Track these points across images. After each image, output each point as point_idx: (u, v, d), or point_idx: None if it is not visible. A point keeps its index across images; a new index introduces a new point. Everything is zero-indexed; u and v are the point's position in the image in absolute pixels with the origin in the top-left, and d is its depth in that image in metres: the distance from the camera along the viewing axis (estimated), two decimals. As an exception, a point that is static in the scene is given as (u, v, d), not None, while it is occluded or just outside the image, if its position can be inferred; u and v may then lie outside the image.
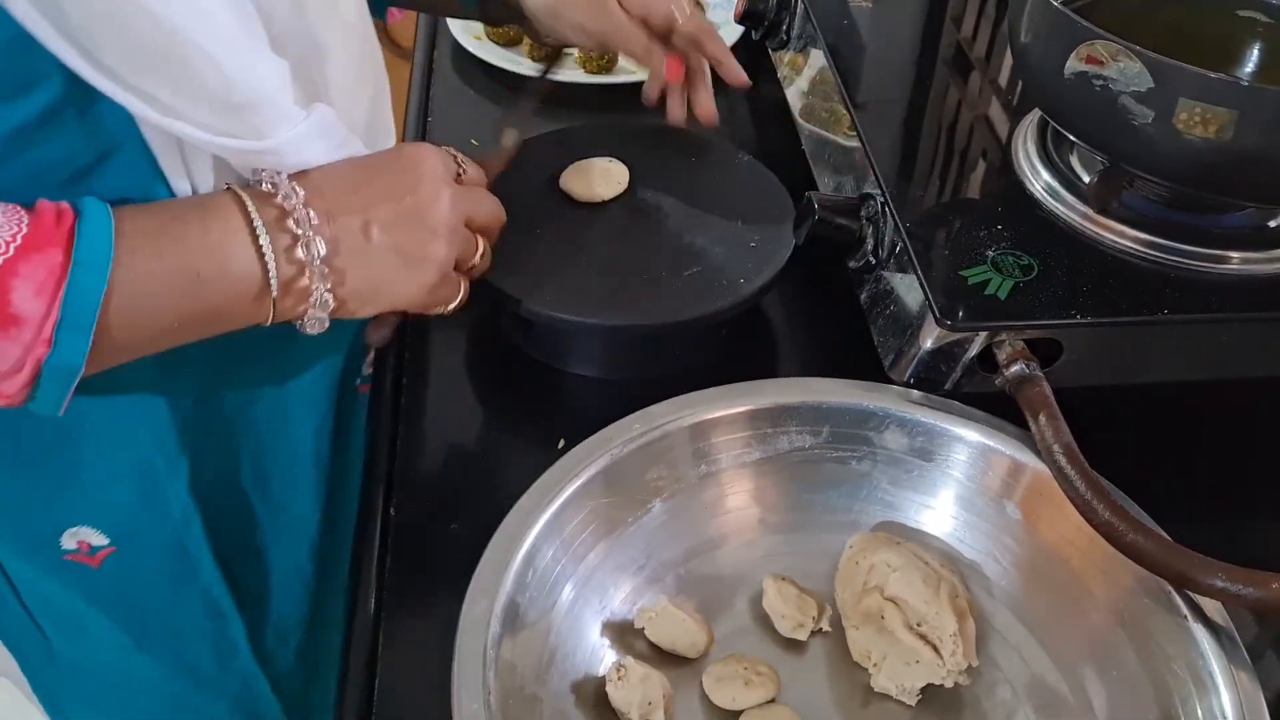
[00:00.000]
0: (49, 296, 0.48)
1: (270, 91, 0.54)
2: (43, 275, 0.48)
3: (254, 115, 0.54)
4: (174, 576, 0.73)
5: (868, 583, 0.60)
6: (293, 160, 0.57)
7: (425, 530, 0.67)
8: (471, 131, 0.99)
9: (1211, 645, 0.54)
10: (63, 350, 0.49)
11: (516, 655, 0.55)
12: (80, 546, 0.70)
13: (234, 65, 0.51)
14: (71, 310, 0.49)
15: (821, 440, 0.66)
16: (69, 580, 0.72)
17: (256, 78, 0.53)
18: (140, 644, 0.77)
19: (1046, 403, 0.62)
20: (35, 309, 0.48)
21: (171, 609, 0.75)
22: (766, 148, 1.02)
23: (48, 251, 0.49)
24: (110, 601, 0.73)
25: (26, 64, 0.49)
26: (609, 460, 0.61)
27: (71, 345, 0.49)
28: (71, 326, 0.49)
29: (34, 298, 0.48)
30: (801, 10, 0.97)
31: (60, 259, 0.49)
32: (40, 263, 0.48)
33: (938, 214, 0.73)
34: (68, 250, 0.49)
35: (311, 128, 0.56)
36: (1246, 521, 0.70)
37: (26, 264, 0.48)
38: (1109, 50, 0.63)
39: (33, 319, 0.48)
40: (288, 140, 0.55)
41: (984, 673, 0.59)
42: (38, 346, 0.49)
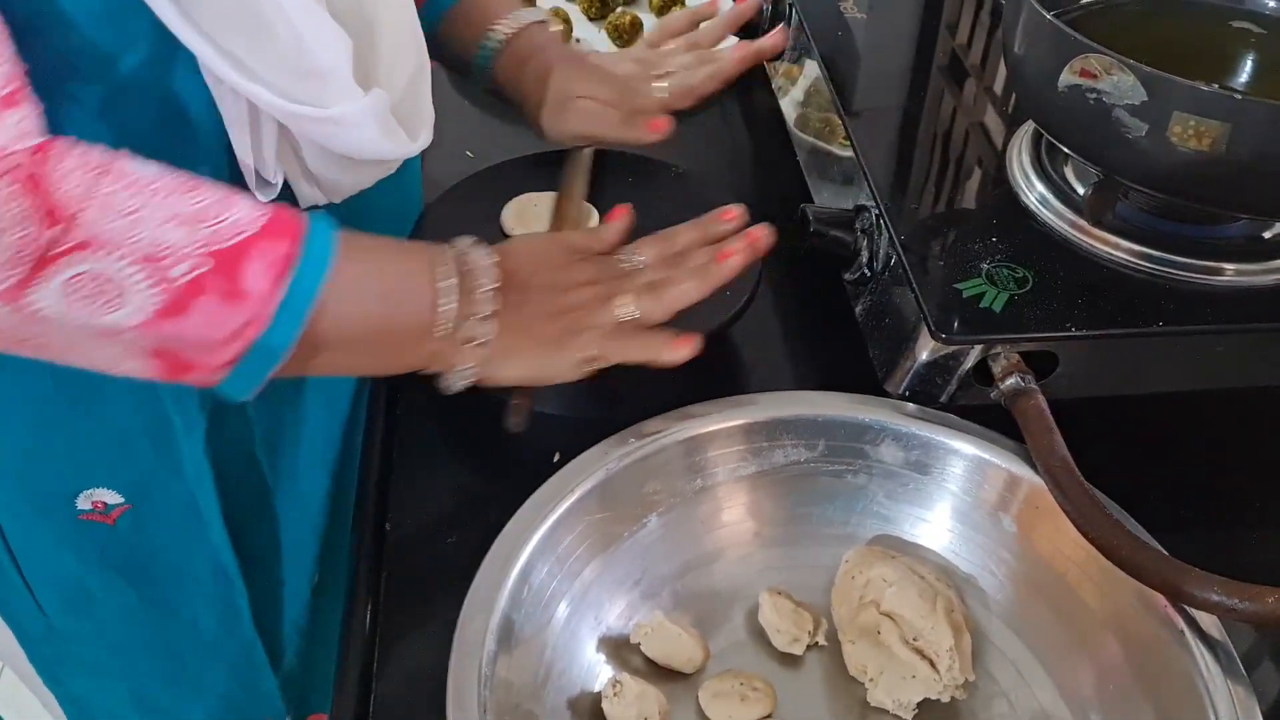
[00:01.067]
0: (276, 278, 0.53)
1: (338, 63, 0.58)
2: (274, 258, 0.53)
3: (321, 85, 0.58)
4: (185, 535, 0.75)
5: (864, 597, 0.60)
6: (350, 135, 0.61)
7: (421, 545, 0.66)
8: (467, 144, 0.99)
9: (1207, 659, 0.54)
10: (277, 330, 0.53)
11: (512, 672, 0.55)
12: (95, 506, 0.72)
13: (310, 32, 0.56)
14: (292, 295, 0.53)
15: (817, 454, 0.66)
16: (82, 541, 0.74)
17: (327, 47, 0.57)
18: (146, 603, 0.79)
19: (1042, 415, 0.62)
20: (261, 286, 0.52)
21: (181, 568, 0.77)
22: (761, 159, 1.02)
23: (281, 240, 0.53)
24: (123, 558, 0.76)
25: (122, 30, 0.54)
26: (604, 475, 0.61)
27: (285, 326, 0.53)
28: (288, 309, 0.53)
29: (263, 275, 0.52)
30: (796, 20, 0.97)
31: (290, 248, 0.53)
32: (273, 249, 0.53)
33: (932, 226, 0.73)
34: (297, 242, 0.54)
35: (368, 107, 0.60)
36: (1243, 533, 0.70)
37: (262, 246, 0.52)
38: (1103, 63, 0.63)
39: (257, 295, 0.52)
40: (348, 113, 0.60)
41: (980, 687, 0.59)
42: (255, 323, 0.52)
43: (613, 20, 1.13)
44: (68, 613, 0.80)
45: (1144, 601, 0.57)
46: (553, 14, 1.12)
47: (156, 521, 0.74)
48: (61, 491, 0.71)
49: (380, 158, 0.66)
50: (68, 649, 0.84)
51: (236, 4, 0.54)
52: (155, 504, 0.73)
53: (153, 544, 0.75)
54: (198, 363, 0.53)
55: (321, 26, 0.57)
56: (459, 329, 0.59)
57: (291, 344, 0.53)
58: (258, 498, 0.78)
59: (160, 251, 0.50)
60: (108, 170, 0.50)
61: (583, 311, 0.63)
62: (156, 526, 0.74)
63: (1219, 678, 0.53)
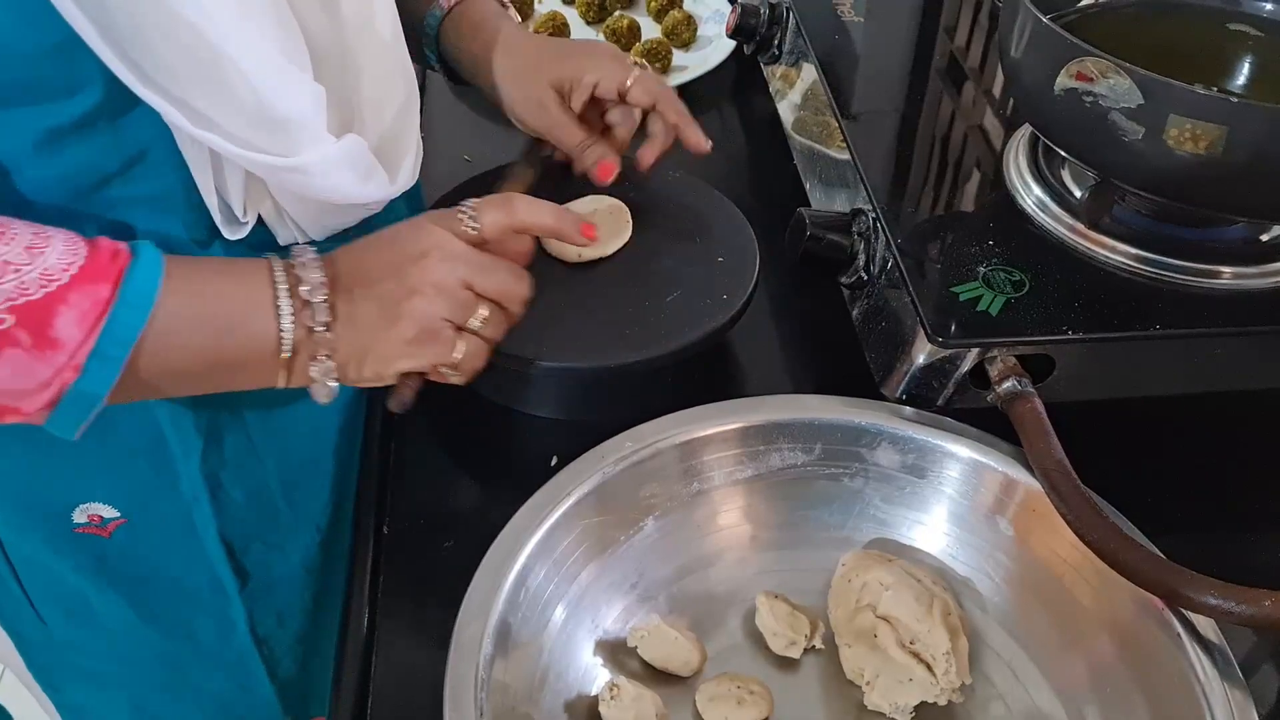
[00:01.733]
0: (89, 326, 0.51)
1: (303, 113, 0.57)
2: (88, 305, 0.51)
3: (285, 134, 0.57)
4: (181, 550, 0.75)
5: (860, 601, 0.60)
6: (320, 182, 0.60)
7: (418, 548, 0.67)
8: (465, 148, 0.99)
9: (1204, 662, 0.54)
10: (90, 377, 0.52)
11: (509, 675, 0.55)
12: (92, 519, 0.72)
13: (268, 85, 0.54)
14: (107, 341, 0.51)
15: (814, 457, 0.66)
16: (79, 553, 0.73)
17: (289, 98, 0.56)
18: (144, 614, 0.78)
19: (1038, 418, 0.62)
20: (74, 335, 0.50)
21: (177, 581, 0.77)
22: (758, 162, 1.02)
23: (98, 284, 0.51)
24: (119, 571, 0.75)
25: (71, 69, 0.52)
26: (601, 479, 0.61)
27: (100, 374, 0.52)
28: (103, 357, 0.51)
29: (75, 325, 0.50)
30: (793, 24, 0.97)
31: (107, 293, 0.51)
32: (88, 295, 0.51)
33: (929, 230, 0.73)
34: (116, 286, 0.52)
35: (340, 153, 0.59)
36: (1240, 536, 0.70)
37: (76, 293, 0.50)
38: (1099, 67, 0.63)
39: (69, 344, 0.50)
40: (315, 161, 0.58)
41: (977, 690, 0.59)
42: (67, 371, 0.51)
43: (610, 24, 1.14)
44: (66, 622, 0.79)
45: (1140, 605, 0.57)
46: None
47: (152, 536, 0.73)
48: (58, 505, 0.71)
49: (356, 201, 0.64)
50: (66, 658, 0.83)
51: (188, 57, 0.52)
52: (151, 519, 0.73)
53: (149, 558, 0.75)
54: (12, 408, 0.52)
55: (282, 78, 0.55)
56: (302, 347, 0.57)
57: (108, 389, 0.52)
58: (266, 523, 0.77)
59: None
60: None
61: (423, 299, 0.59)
62: (152, 541, 0.74)
63: (1215, 681, 0.53)
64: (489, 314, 0.60)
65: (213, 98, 0.54)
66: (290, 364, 0.57)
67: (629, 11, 1.20)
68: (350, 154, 0.60)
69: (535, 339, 0.69)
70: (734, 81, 1.12)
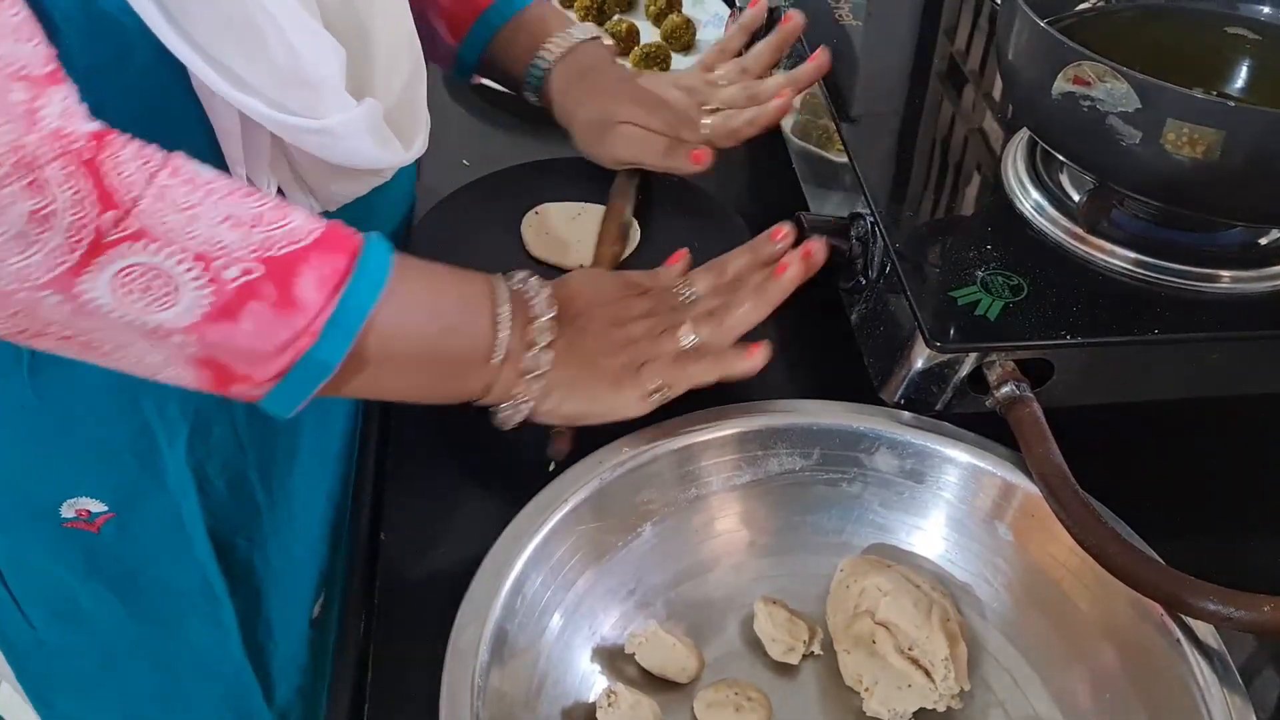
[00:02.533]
0: (329, 292, 0.52)
1: (331, 73, 0.58)
2: (328, 272, 0.52)
3: (313, 96, 0.58)
4: (170, 546, 0.75)
5: (859, 606, 0.60)
6: (343, 145, 0.61)
7: (415, 554, 0.66)
8: (464, 152, 0.99)
9: (1204, 668, 0.54)
10: (325, 345, 0.53)
11: (506, 683, 0.55)
12: (80, 514, 0.72)
13: (302, 43, 0.55)
14: (344, 311, 0.52)
15: (812, 462, 0.66)
16: (68, 549, 0.73)
17: (319, 58, 0.57)
18: (135, 615, 0.78)
19: (1037, 423, 0.62)
20: (314, 299, 0.52)
21: (167, 580, 0.77)
22: (756, 166, 1.02)
23: (336, 254, 0.53)
24: (108, 567, 0.75)
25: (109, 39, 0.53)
26: (598, 484, 0.61)
27: (334, 343, 0.53)
28: (339, 325, 0.53)
29: (316, 288, 0.52)
30: (791, 28, 0.97)
31: (345, 263, 0.53)
32: (328, 261, 0.52)
33: (927, 234, 0.73)
34: (353, 258, 0.53)
35: (361, 117, 0.60)
36: (1239, 541, 0.69)
37: (317, 258, 0.52)
38: (1096, 71, 0.63)
39: (309, 307, 0.52)
40: (342, 123, 0.59)
41: (976, 696, 0.59)
42: (305, 336, 0.52)
43: (609, 28, 1.14)
44: (56, 626, 0.79)
45: (1140, 610, 0.57)
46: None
47: (141, 530, 0.73)
48: (45, 500, 0.71)
49: (374, 166, 0.66)
50: (57, 665, 0.83)
51: (229, 16, 0.54)
52: (140, 513, 0.73)
53: (138, 553, 0.75)
54: (245, 374, 0.52)
55: (314, 38, 0.56)
56: (516, 359, 0.59)
57: (341, 359, 0.53)
58: (247, 517, 0.77)
59: (215, 251, 0.50)
60: (165, 164, 0.50)
61: (643, 344, 0.63)
62: (141, 535, 0.74)
63: (1215, 687, 0.53)
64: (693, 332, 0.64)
65: (250, 57, 0.55)
66: (499, 371, 0.59)
67: (628, 15, 1.20)
68: (370, 118, 0.61)
69: None
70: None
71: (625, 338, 0.63)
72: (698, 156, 0.80)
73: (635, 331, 0.64)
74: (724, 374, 0.64)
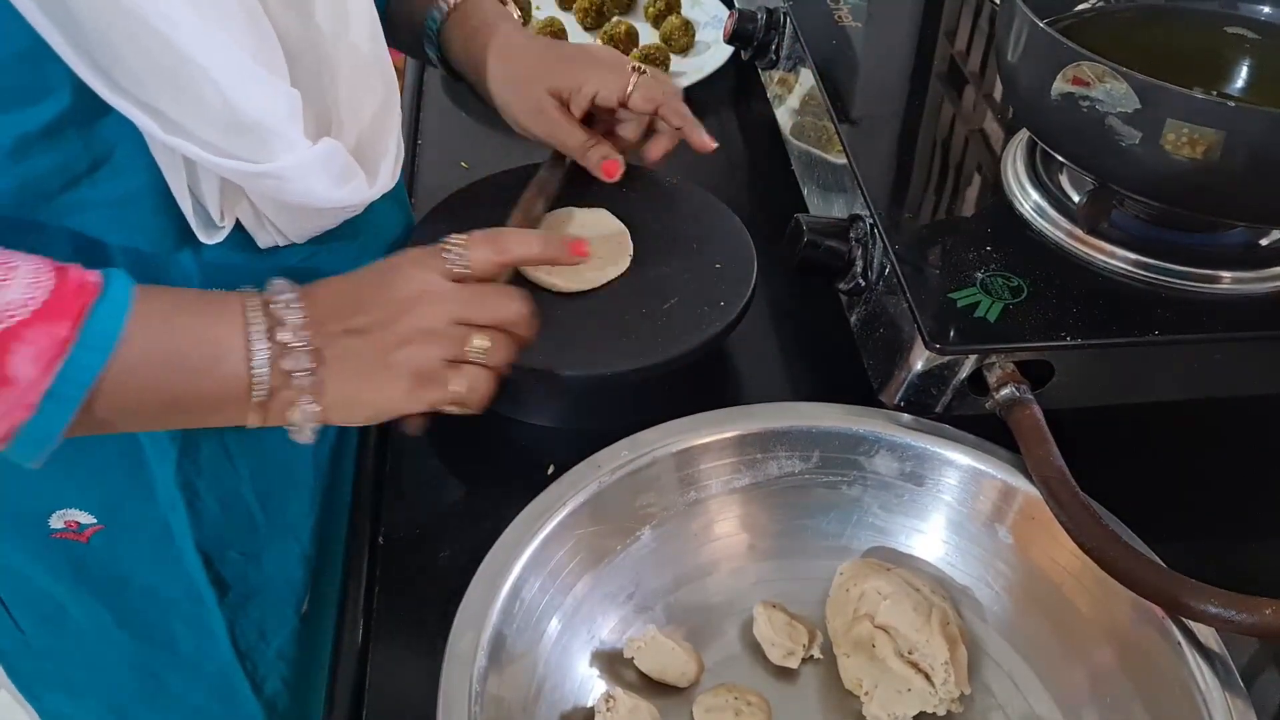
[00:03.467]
0: (45, 364, 0.49)
1: (275, 118, 0.55)
2: (45, 344, 0.49)
3: (258, 139, 0.56)
4: (158, 557, 0.74)
5: (858, 610, 0.60)
6: (295, 187, 0.59)
7: (413, 558, 0.66)
8: (461, 155, 0.99)
9: (1205, 671, 0.54)
10: (43, 418, 0.50)
11: (503, 688, 0.54)
12: (69, 525, 0.71)
13: (239, 91, 0.53)
14: (63, 382, 0.50)
15: (811, 465, 0.66)
16: (56, 558, 0.73)
17: (261, 104, 0.55)
18: (121, 622, 0.78)
19: (1037, 425, 0.62)
20: (28, 374, 0.49)
21: (155, 589, 0.76)
22: (755, 167, 1.02)
23: (58, 322, 0.49)
24: (96, 576, 0.75)
25: (38, 75, 0.52)
26: (597, 488, 0.61)
27: (54, 414, 0.50)
28: (58, 397, 0.50)
29: (31, 363, 0.49)
30: (790, 30, 0.97)
31: (66, 332, 0.49)
32: (46, 333, 0.49)
33: (927, 236, 0.73)
34: (77, 324, 0.50)
35: (315, 158, 0.58)
36: (1240, 543, 0.69)
37: (35, 330, 0.49)
38: (1095, 71, 0.63)
39: (22, 382, 0.49)
40: (290, 166, 0.57)
41: (977, 700, 0.59)
42: (19, 409, 0.49)
43: (608, 30, 1.14)
44: (44, 629, 0.79)
45: (1141, 613, 0.56)
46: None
47: (130, 543, 0.73)
48: (34, 510, 0.70)
49: (332, 205, 0.63)
50: (44, 666, 0.83)
51: (156, 64, 0.51)
52: (128, 526, 0.72)
53: (126, 564, 0.74)
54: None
55: (255, 84, 0.54)
56: (279, 388, 0.55)
57: (61, 429, 0.51)
58: (242, 532, 0.76)
59: None
60: None
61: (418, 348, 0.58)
62: (130, 547, 0.73)
63: (1216, 690, 0.53)
64: (489, 343, 0.59)
65: (183, 104, 0.53)
66: (265, 407, 0.56)
67: (627, 17, 1.20)
68: (326, 158, 0.59)
69: (531, 347, 0.69)
70: (732, 87, 1.12)
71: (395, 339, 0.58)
72: (609, 169, 0.79)
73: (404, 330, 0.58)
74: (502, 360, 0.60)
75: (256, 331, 0.55)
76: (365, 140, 0.64)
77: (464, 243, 0.60)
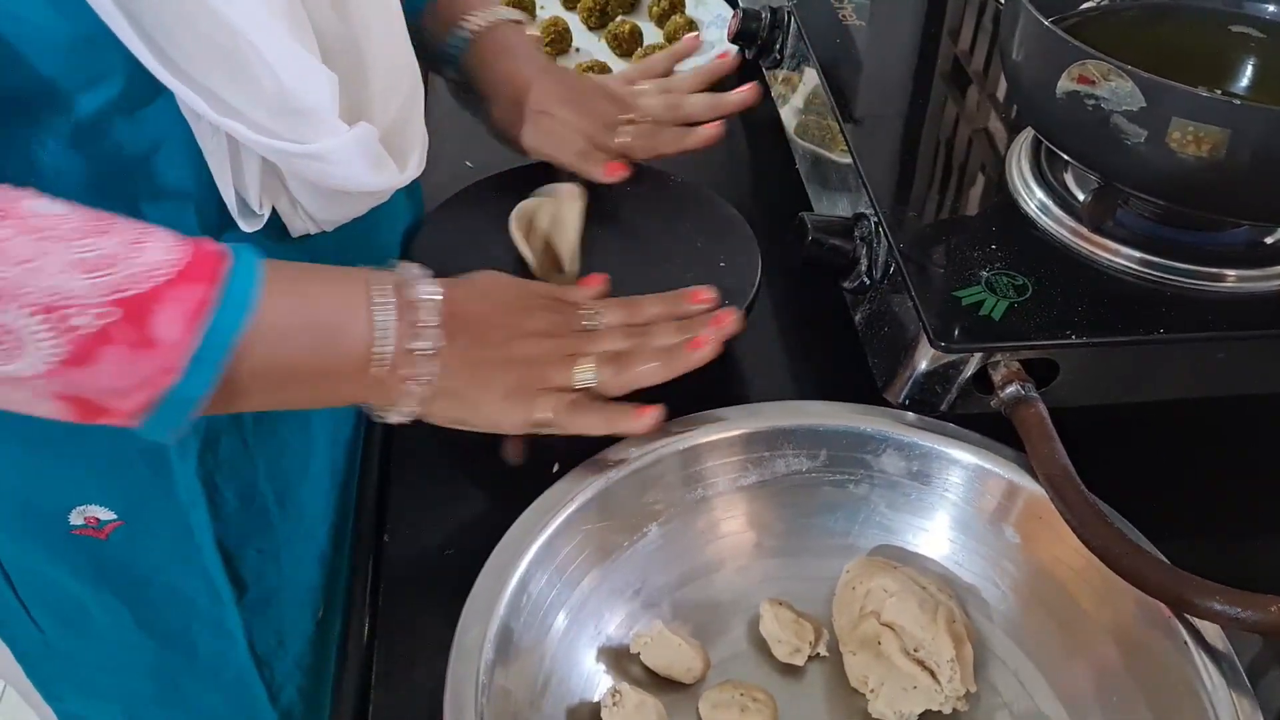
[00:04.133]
0: (189, 326, 0.50)
1: (321, 101, 0.57)
2: (188, 305, 0.50)
3: (303, 122, 0.57)
4: (178, 555, 0.74)
5: (864, 608, 0.60)
6: (336, 170, 0.60)
7: (419, 555, 0.66)
8: (467, 154, 0.98)
9: (1211, 670, 0.54)
10: (190, 379, 0.51)
11: (510, 681, 0.55)
12: (89, 521, 0.71)
13: (289, 72, 0.55)
14: (207, 343, 0.51)
15: (819, 464, 0.66)
16: (75, 555, 0.73)
17: (309, 86, 0.56)
18: (140, 622, 0.78)
19: (1042, 424, 0.62)
20: (174, 335, 0.50)
21: (174, 588, 0.76)
22: (760, 166, 1.02)
23: (197, 285, 0.51)
24: (116, 573, 0.75)
25: (94, 61, 0.53)
26: (603, 484, 0.61)
27: (199, 376, 0.51)
28: (202, 359, 0.51)
29: (176, 324, 0.50)
30: (795, 29, 0.97)
31: (205, 293, 0.51)
32: (188, 294, 0.50)
33: (931, 234, 0.73)
34: (216, 286, 0.51)
35: (354, 142, 0.59)
36: (1246, 541, 0.69)
37: (176, 291, 0.50)
38: (1100, 70, 0.63)
39: (169, 344, 0.50)
40: (332, 149, 0.58)
41: (982, 698, 0.59)
42: (164, 374, 0.50)
43: (612, 29, 1.14)
44: (63, 630, 0.79)
45: (1146, 611, 0.56)
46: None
47: (150, 539, 0.73)
48: (54, 507, 0.70)
49: (368, 189, 0.64)
50: (63, 667, 0.83)
51: (212, 45, 0.53)
52: (149, 522, 0.72)
53: (146, 561, 0.74)
54: (109, 408, 0.51)
55: (302, 66, 0.55)
56: (398, 365, 0.57)
57: (207, 392, 0.51)
58: (261, 528, 0.77)
59: (60, 301, 0.47)
60: (6, 214, 0.48)
61: (539, 368, 0.61)
62: (150, 544, 0.73)
63: (1222, 689, 0.53)
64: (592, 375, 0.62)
65: (236, 85, 0.54)
66: (382, 383, 0.57)
67: (630, 16, 1.20)
68: (363, 142, 0.60)
69: None
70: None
71: (523, 354, 0.61)
72: (613, 168, 0.80)
73: (534, 350, 0.61)
74: (613, 430, 0.62)
75: (383, 306, 0.56)
76: (394, 129, 0.65)
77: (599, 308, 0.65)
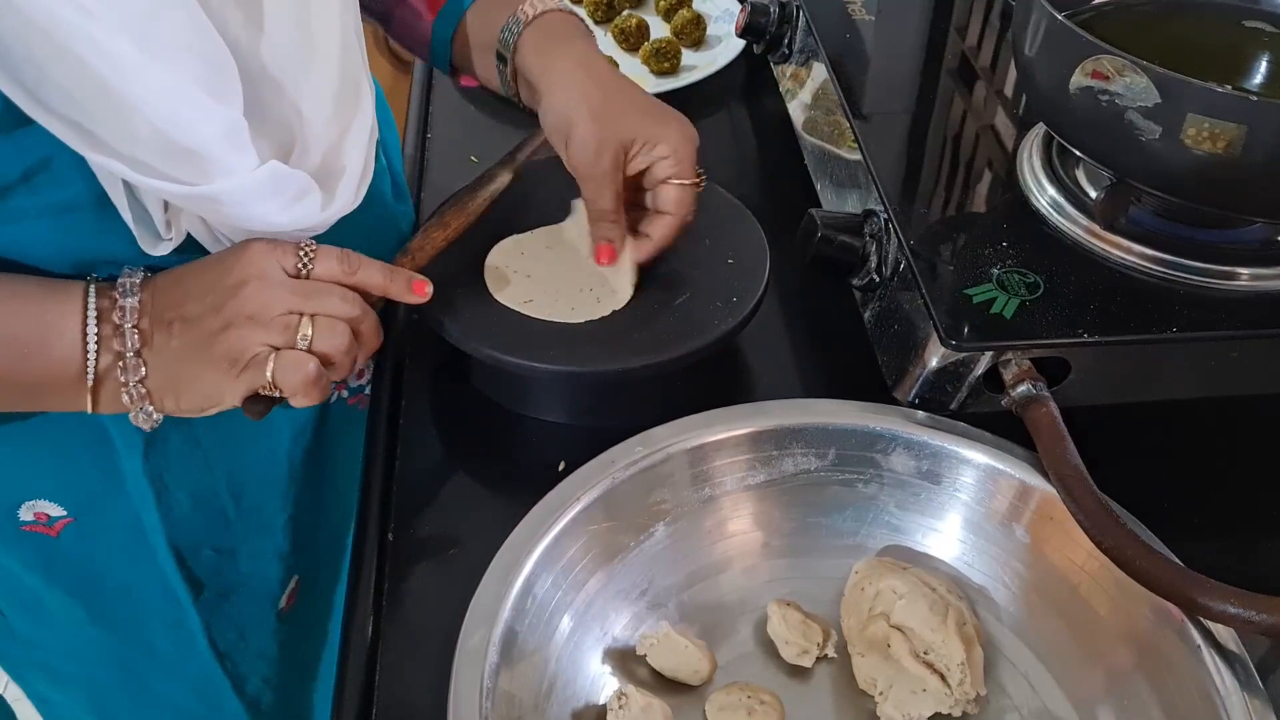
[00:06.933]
0: None
1: (208, 143, 0.54)
2: None
3: (196, 162, 0.54)
4: (130, 553, 0.74)
5: (873, 609, 0.59)
6: (236, 211, 0.57)
7: (424, 555, 0.66)
8: (471, 149, 0.98)
9: (1224, 672, 0.53)
10: None
11: (515, 684, 0.54)
12: (38, 517, 0.71)
13: (167, 117, 0.52)
14: None
15: (828, 463, 0.65)
16: (27, 552, 0.73)
17: (193, 129, 0.53)
18: (95, 615, 0.77)
19: (1054, 423, 0.61)
20: None
21: (129, 586, 0.76)
22: (768, 162, 1.01)
23: None
24: (68, 572, 0.74)
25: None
26: (610, 484, 0.61)
27: None
28: None
29: None
30: (803, 23, 0.96)
31: None
32: None
33: (942, 231, 0.72)
34: None
35: (257, 183, 0.56)
36: (1260, 543, 0.69)
37: None
38: (1115, 65, 0.62)
39: None
40: (227, 190, 0.55)
41: (992, 701, 0.58)
42: None
43: (619, 23, 1.13)
44: (24, 617, 0.79)
45: (1159, 614, 0.56)
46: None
47: (101, 538, 0.72)
48: (4, 500, 0.70)
49: (276, 229, 0.60)
50: (27, 652, 0.83)
51: (82, 82, 0.49)
52: (99, 519, 0.72)
53: (98, 560, 0.74)
54: None
55: (189, 108, 0.52)
56: (110, 374, 0.56)
57: None
58: (215, 528, 0.76)
59: None
60: None
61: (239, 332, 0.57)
62: (100, 542, 0.73)
63: (1235, 692, 0.52)
64: (313, 331, 0.58)
65: (111, 125, 0.51)
66: (97, 390, 0.57)
67: (638, 10, 1.19)
68: (272, 181, 0.56)
69: (543, 343, 0.69)
70: (744, 81, 1.11)
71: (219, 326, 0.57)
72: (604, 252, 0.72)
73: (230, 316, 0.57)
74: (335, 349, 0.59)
75: (93, 314, 0.56)
76: (330, 159, 0.61)
77: (317, 250, 0.60)
